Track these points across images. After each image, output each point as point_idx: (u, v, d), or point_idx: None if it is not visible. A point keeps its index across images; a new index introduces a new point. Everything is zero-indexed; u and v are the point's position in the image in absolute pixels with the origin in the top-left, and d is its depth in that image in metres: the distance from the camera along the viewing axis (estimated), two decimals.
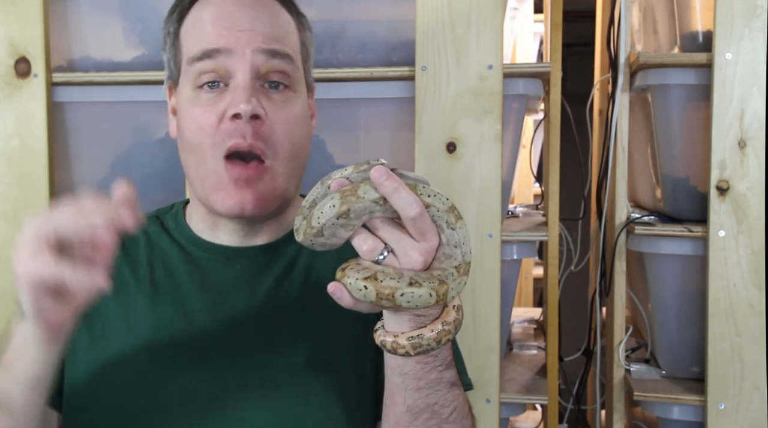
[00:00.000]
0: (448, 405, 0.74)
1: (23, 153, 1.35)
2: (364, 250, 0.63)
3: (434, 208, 0.62)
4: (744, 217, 1.29)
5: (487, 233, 1.28)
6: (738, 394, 1.30)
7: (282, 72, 0.83)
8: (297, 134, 0.85)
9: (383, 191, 0.61)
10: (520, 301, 2.45)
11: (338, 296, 0.63)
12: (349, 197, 0.62)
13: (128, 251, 0.90)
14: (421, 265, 0.62)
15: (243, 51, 0.81)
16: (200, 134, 0.82)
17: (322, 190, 0.67)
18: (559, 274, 1.52)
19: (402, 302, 0.61)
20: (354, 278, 0.62)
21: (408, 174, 0.65)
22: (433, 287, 0.61)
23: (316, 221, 0.63)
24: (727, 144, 1.29)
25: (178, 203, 0.96)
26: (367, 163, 0.65)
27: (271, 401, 0.80)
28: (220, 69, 0.82)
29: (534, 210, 1.72)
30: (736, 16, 1.27)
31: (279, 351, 0.83)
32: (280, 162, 0.83)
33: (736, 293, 1.29)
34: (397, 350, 0.66)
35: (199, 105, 0.83)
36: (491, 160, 1.27)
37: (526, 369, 1.52)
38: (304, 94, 0.88)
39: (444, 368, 0.71)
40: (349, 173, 0.65)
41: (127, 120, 1.41)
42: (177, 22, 0.88)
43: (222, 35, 0.82)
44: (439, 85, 1.27)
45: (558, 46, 1.37)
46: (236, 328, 0.84)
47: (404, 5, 1.31)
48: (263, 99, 0.82)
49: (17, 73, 1.35)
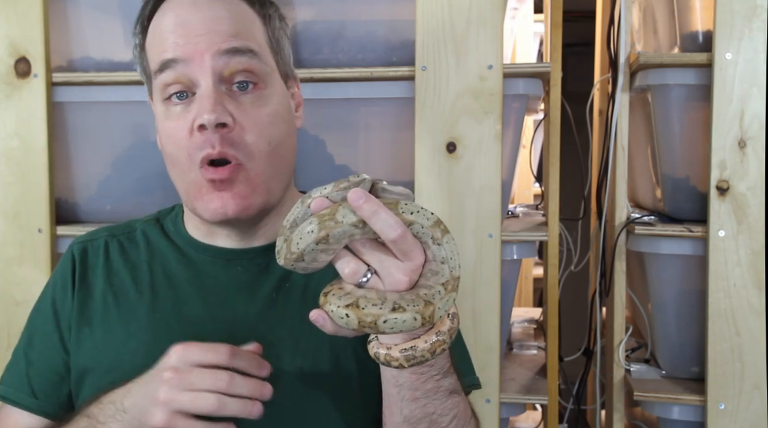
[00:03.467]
0: (447, 414, 0.73)
1: (23, 153, 1.35)
2: (346, 273, 0.61)
3: (418, 225, 0.60)
4: (744, 217, 1.29)
5: (487, 233, 1.28)
6: (738, 394, 1.30)
7: (247, 71, 0.81)
8: (273, 132, 0.83)
9: (362, 214, 0.58)
10: (520, 301, 2.45)
11: (320, 323, 0.62)
12: (328, 222, 0.60)
13: (128, 256, 0.90)
14: (407, 285, 0.60)
15: (202, 57, 0.80)
16: (175, 147, 0.82)
17: (302, 209, 0.65)
18: (559, 274, 1.52)
19: (385, 329, 0.59)
20: (336, 305, 0.60)
21: (390, 189, 0.63)
22: (418, 310, 0.59)
23: (295, 246, 0.62)
24: (727, 144, 1.29)
25: (178, 205, 0.95)
26: (347, 180, 0.63)
27: (272, 406, 0.79)
28: (182, 78, 0.80)
29: (534, 210, 1.72)
30: (736, 16, 1.27)
31: (280, 356, 0.82)
32: (258, 163, 0.81)
33: (736, 293, 1.29)
34: (391, 362, 0.65)
35: (170, 118, 0.82)
36: (491, 160, 1.27)
37: (526, 369, 1.52)
38: (278, 87, 0.86)
39: (441, 376, 0.70)
40: (328, 192, 0.63)
41: (127, 120, 1.40)
42: (141, 34, 0.87)
43: (179, 44, 0.80)
44: (439, 85, 1.27)
45: (558, 46, 1.37)
46: (236, 332, 0.83)
47: (404, 5, 1.31)
48: (230, 104, 0.80)
49: (17, 73, 1.35)
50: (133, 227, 0.94)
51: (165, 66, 0.81)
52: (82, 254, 0.91)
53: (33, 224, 1.35)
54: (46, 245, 1.34)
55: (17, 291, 1.35)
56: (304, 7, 1.28)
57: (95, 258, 0.90)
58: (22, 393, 0.88)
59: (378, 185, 0.63)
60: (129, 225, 0.95)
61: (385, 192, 0.63)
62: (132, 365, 0.82)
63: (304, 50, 1.33)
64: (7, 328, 1.35)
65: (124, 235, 0.93)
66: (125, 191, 1.41)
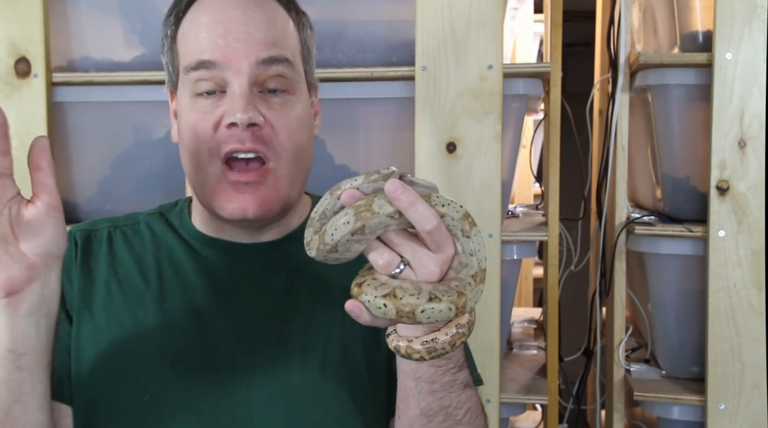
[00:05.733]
0: (462, 407, 0.73)
1: (23, 153, 1.35)
2: (380, 264, 0.62)
3: (449, 217, 0.61)
4: (744, 217, 1.29)
5: (487, 233, 1.28)
6: (738, 394, 1.30)
7: (281, 77, 0.82)
8: (300, 136, 0.84)
9: (399, 205, 0.59)
10: (520, 301, 2.45)
11: (356, 314, 0.62)
12: (364, 212, 0.60)
13: (133, 247, 0.89)
14: (438, 276, 0.61)
15: (239, 64, 0.80)
16: (197, 140, 0.82)
17: (332, 201, 0.65)
18: (559, 274, 1.52)
19: (422, 319, 0.60)
20: (372, 295, 0.60)
21: (417, 180, 0.64)
22: (453, 300, 0.60)
23: (329, 237, 0.62)
24: (727, 144, 1.29)
25: (182, 201, 0.95)
26: (377, 172, 0.63)
27: (282, 400, 0.80)
28: (216, 78, 0.80)
29: (534, 210, 1.72)
30: (736, 16, 1.27)
31: (290, 350, 0.82)
32: (284, 164, 0.82)
33: (736, 293, 1.29)
34: (412, 355, 0.65)
35: (197, 111, 0.82)
36: (491, 160, 1.27)
37: (526, 369, 1.52)
38: (305, 95, 0.87)
39: (457, 370, 0.71)
40: (359, 184, 0.63)
41: (127, 120, 1.41)
42: (174, 25, 0.86)
43: (217, 45, 0.80)
44: (439, 85, 1.27)
45: (558, 46, 1.37)
46: (246, 326, 0.83)
47: (404, 5, 1.31)
48: (261, 106, 0.81)
49: (17, 73, 1.35)
50: (136, 219, 0.93)
51: (201, 66, 0.81)
52: (85, 241, 0.89)
53: None
54: None
55: None
56: (304, 7, 1.28)
57: (99, 246, 0.89)
58: None
59: (405, 178, 0.64)
60: (131, 217, 0.94)
61: (413, 184, 0.63)
62: (140, 353, 0.82)
63: None
64: None
65: (128, 226, 0.92)
66: (125, 191, 1.41)
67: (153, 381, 0.81)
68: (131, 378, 0.82)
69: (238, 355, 0.82)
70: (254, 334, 0.83)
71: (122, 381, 0.82)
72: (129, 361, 0.82)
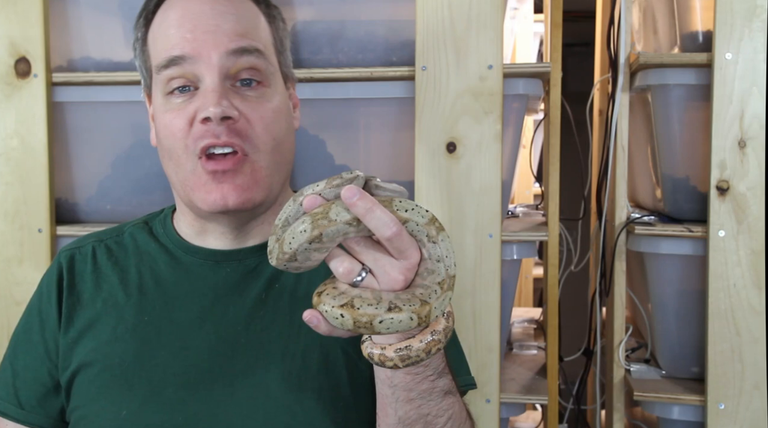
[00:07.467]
0: (443, 415, 0.72)
1: (23, 153, 1.35)
2: (340, 272, 0.60)
3: (413, 223, 0.59)
4: (744, 217, 1.29)
5: (487, 233, 1.28)
6: (738, 394, 1.30)
7: (253, 68, 0.81)
8: (277, 128, 0.83)
9: (356, 211, 0.57)
10: (520, 301, 2.45)
11: (314, 324, 0.60)
12: (321, 220, 0.58)
13: (117, 260, 0.89)
14: (402, 284, 0.59)
15: (209, 56, 0.79)
16: (173, 139, 0.81)
17: (294, 207, 0.63)
18: (559, 274, 1.52)
19: (381, 329, 0.57)
20: (330, 305, 0.58)
21: (385, 185, 0.62)
22: (414, 309, 0.58)
23: (287, 246, 0.60)
24: (726, 144, 1.29)
25: (167, 208, 0.95)
26: (340, 177, 0.61)
27: (262, 409, 0.79)
28: (187, 74, 0.80)
29: (534, 210, 1.72)
30: (736, 16, 1.27)
31: (270, 357, 0.81)
32: (263, 156, 0.81)
33: (736, 293, 1.29)
34: (385, 362, 0.64)
35: (170, 110, 0.82)
36: (491, 160, 1.27)
37: (526, 369, 1.52)
38: (280, 87, 0.86)
39: (436, 377, 0.70)
40: (321, 189, 0.61)
41: (127, 120, 1.40)
42: (144, 26, 0.86)
43: (186, 39, 0.80)
44: (439, 85, 1.27)
45: (558, 46, 1.37)
46: (225, 334, 0.83)
47: (404, 5, 1.31)
48: (235, 99, 0.80)
49: (17, 73, 1.35)
50: (121, 231, 0.94)
51: (171, 62, 0.81)
52: (70, 263, 0.90)
53: (33, 224, 1.35)
54: (46, 245, 1.34)
55: (17, 291, 1.35)
56: (304, 7, 1.28)
57: (83, 265, 0.90)
58: (9, 404, 0.88)
59: (371, 181, 0.62)
60: (117, 229, 0.94)
61: (378, 189, 0.62)
62: (122, 368, 0.82)
63: (304, 50, 1.33)
64: (7, 328, 1.35)
65: (112, 239, 0.92)
66: (125, 191, 1.41)
67: (131, 396, 0.81)
68: (109, 394, 0.81)
69: (217, 365, 0.81)
70: (234, 343, 0.82)
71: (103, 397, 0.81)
72: (108, 377, 0.82)
